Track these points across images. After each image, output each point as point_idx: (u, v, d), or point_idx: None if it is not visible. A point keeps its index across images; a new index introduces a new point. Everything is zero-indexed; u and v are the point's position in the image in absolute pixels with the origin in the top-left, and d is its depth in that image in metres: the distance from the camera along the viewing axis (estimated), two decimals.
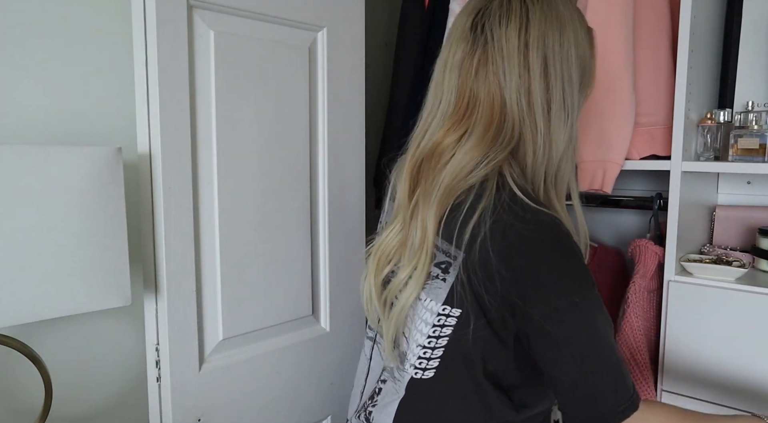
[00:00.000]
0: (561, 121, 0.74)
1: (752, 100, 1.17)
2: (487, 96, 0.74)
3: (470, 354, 0.74)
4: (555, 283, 0.68)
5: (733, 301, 1.02)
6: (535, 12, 0.73)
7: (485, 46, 0.74)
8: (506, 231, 0.68)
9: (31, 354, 0.98)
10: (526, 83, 0.73)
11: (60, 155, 0.92)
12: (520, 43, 0.72)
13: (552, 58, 0.73)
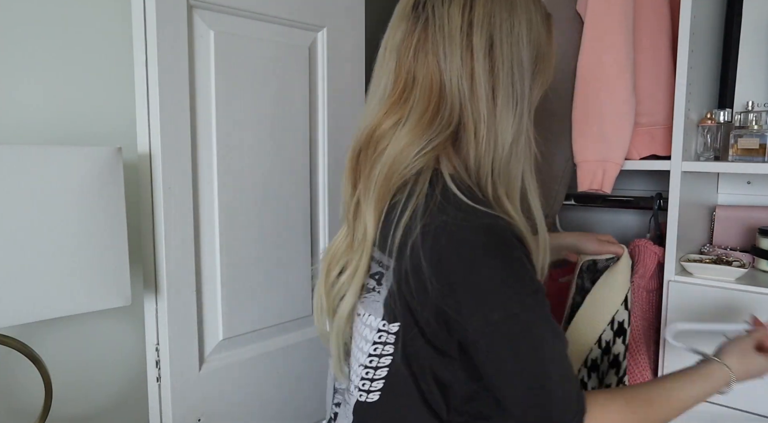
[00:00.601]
0: (508, 108, 0.66)
1: (752, 100, 1.17)
2: (425, 78, 0.67)
3: (416, 372, 0.68)
4: (490, 293, 0.61)
5: (733, 301, 1.02)
6: None
7: (426, 26, 0.67)
8: (437, 234, 0.61)
9: (31, 354, 0.98)
10: (469, 66, 0.65)
11: (60, 155, 0.92)
12: (464, 23, 0.65)
13: (499, 39, 0.65)
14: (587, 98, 1.10)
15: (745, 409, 1.02)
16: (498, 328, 0.61)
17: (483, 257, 0.61)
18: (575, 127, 1.13)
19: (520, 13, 0.67)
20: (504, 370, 0.63)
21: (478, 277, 0.61)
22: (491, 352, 0.62)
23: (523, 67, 0.67)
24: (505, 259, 0.61)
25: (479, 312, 0.61)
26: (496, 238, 0.61)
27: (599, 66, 1.08)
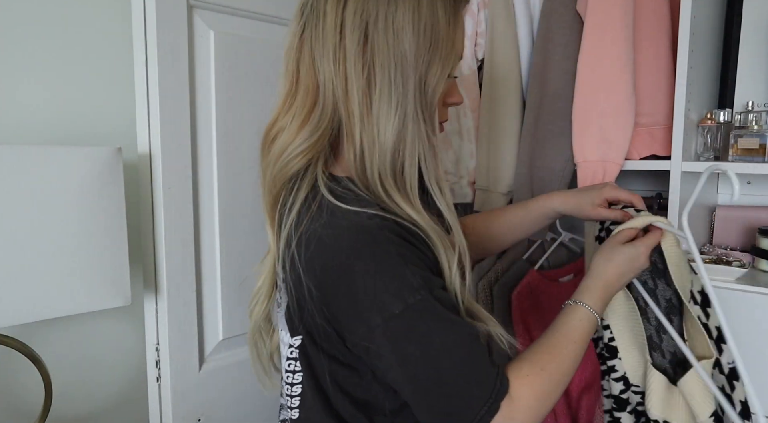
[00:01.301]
0: (388, 104, 0.62)
1: (752, 100, 1.17)
2: (304, 79, 0.66)
3: (325, 388, 0.66)
4: (366, 296, 0.58)
5: (733, 301, 1.02)
6: None
7: (306, 26, 0.65)
8: (309, 242, 0.60)
9: (31, 354, 0.98)
10: (342, 65, 0.62)
11: (60, 155, 0.92)
12: (337, 19, 0.62)
13: (374, 33, 0.61)
14: (587, 98, 1.10)
15: None
16: (381, 332, 0.58)
17: (353, 260, 0.59)
18: (575, 126, 1.13)
19: (402, 2, 0.62)
20: (397, 372, 0.59)
21: (350, 281, 0.58)
22: (382, 357, 0.59)
23: (406, 59, 0.62)
24: (377, 258, 0.58)
25: (360, 318, 0.59)
26: (365, 237, 0.59)
27: (599, 66, 1.08)
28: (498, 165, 1.25)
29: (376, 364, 0.61)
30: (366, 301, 0.58)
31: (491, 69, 1.24)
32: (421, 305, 0.58)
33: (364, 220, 0.60)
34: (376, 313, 0.58)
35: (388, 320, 0.57)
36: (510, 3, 1.22)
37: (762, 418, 0.82)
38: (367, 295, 0.58)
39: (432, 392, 0.59)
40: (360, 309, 0.58)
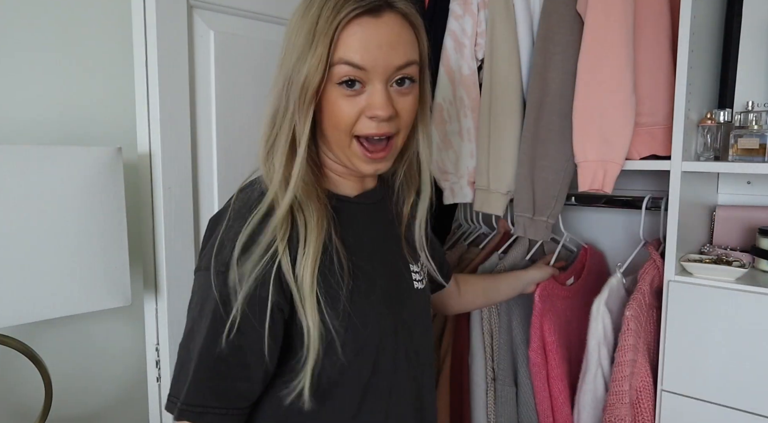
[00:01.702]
0: (268, 101, 0.76)
1: (752, 100, 1.17)
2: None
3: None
4: (200, 254, 0.75)
5: (733, 301, 1.02)
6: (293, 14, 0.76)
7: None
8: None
9: (31, 354, 0.98)
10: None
11: (60, 155, 0.92)
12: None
13: (282, 53, 0.76)
14: (587, 98, 1.10)
15: (745, 409, 1.02)
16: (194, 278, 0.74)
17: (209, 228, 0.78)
18: (575, 127, 1.13)
19: (295, 18, 0.74)
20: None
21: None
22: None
23: (283, 60, 0.76)
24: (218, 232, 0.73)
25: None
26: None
27: (599, 66, 1.08)
28: (498, 165, 1.25)
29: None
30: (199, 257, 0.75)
31: (491, 69, 1.24)
32: (211, 280, 0.68)
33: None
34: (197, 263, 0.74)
35: (195, 271, 0.74)
36: (510, 3, 1.22)
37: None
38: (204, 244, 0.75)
39: (180, 348, 0.72)
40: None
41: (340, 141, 0.74)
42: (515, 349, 1.26)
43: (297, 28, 0.72)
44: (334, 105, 0.72)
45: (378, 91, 0.71)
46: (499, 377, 1.26)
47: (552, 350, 1.19)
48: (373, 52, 0.70)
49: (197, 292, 0.72)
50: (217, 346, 0.67)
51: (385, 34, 0.70)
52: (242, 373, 0.69)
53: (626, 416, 1.10)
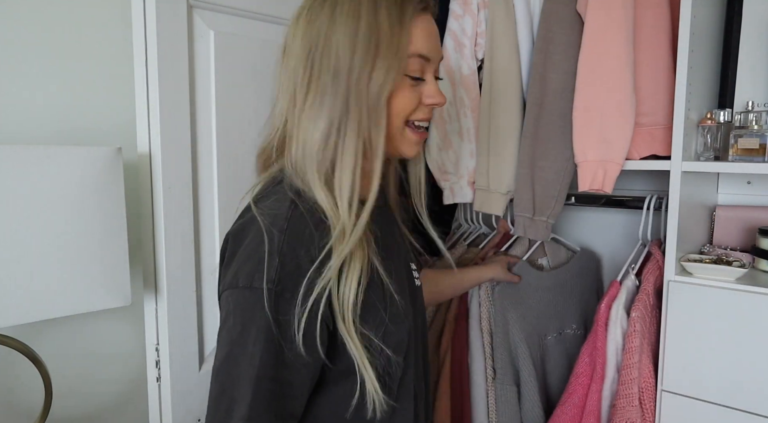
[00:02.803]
0: (316, 112, 0.72)
1: (752, 100, 1.17)
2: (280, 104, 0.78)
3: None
4: (230, 270, 0.69)
5: (733, 301, 1.02)
6: (305, 11, 0.74)
7: (281, 59, 0.79)
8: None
9: (31, 354, 0.98)
10: (292, 82, 0.74)
11: (60, 155, 0.92)
12: (293, 49, 0.75)
13: (316, 52, 0.72)
14: (587, 98, 1.10)
15: (745, 409, 1.02)
16: (223, 298, 0.69)
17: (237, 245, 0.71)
18: (575, 127, 1.13)
19: (342, 18, 0.71)
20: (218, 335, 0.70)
21: (231, 258, 0.71)
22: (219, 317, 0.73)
23: (340, 69, 0.71)
24: (248, 246, 0.69)
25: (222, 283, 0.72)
26: (244, 234, 0.70)
27: (600, 66, 1.08)
28: (498, 165, 1.25)
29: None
30: (228, 274, 0.69)
31: (491, 69, 1.24)
32: (252, 298, 0.64)
33: (253, 218, 0.70)
34: (226, 282, 0.69)
35: (225, 289, 0.68)
36: (510, 3, 1.22)
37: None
38: (230, 271, 0.69)
39: (214, 372, 0.67)
40: (224, 277, 0.70)
41: (397, 129, 0.76)
42: (514, 348, 1.27)
43: (346, 31, 0.70)
44: (401, 96, 0.74)
45: (434, 82, 0.78)
46: (499, 376, 1.26)
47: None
48: (435, 45, 0.77)
49: (236, 312, 0.66)
50: (274, 369, 0.64)
51: (435, 29, 0.78)
52: (294, 392, 0.67)
53: (637, 419, 1.10)
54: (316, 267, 0.66)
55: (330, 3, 0.72)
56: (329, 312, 0.67)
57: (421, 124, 0.79)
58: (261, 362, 0.63)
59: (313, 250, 0.67)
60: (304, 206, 0.70)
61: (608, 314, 1.15)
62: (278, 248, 0.65)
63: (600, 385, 1.14)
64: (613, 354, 1.14)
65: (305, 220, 0.68)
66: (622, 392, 1.10)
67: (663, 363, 1.11)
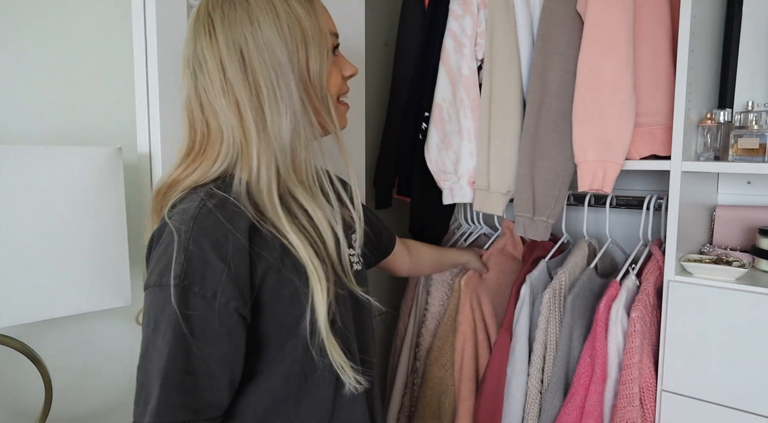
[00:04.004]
0: (277, 111, 0.73)
1: (752, 100, 1.17)
2: (212, 123, 0.75)
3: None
4: (148, 271, 0.71)
5: (734, 301, 1.02)
6: (217, 17, 0.73)
7: (195, 74, 0.75)
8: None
9: (31, 354, 0.98)
10: (231, 94, 0.73)
11: (60, 155, 0.92)
12: (215, 58, 0.73)
13: (249, 55, 0.72)
14: (587, 98, 1.10)
15: (745, 409, 1.02)
16: (145, 293, 0.70)
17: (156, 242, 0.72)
18: (575, 127, 1.13)
19: (261, 16, 0.72)
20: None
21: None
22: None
23: (281, 64, 0.73)
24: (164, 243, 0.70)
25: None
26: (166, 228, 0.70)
27: (599, 66, 1.08)
28: (498, 165, 1.25)
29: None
30: (149, 271, 0.70)
31: (491, 69, 1.24)
32: (166, 294, 0.66)
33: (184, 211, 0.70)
34: (147, 279, 0.70)
35: (146, 286, 0.69)
36: (510, 3, 1.22)
37: None
38: (150, 267, 0.70)
39: (137, 368, 0.68)
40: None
41: (331, 105, 0.80)
42: (574, 361, 1.21)
43: (271, 27, 0.72)
44: (332, 75, 0.80)
45: (343, 56, 0.84)
46: (551, 389, 1.19)
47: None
48: (333, 21, 0.82)
49: (149, 310, 0.68)
50: (184, 362, 0.66)
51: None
52: (209, 384, 0.68)
53: (638, 419, 1.09)
54: (228, 258, 0.67)
55: (241, 6, 0.73)
56: (249, 304, 0.70)
57: (344, 99, 0.85)
58: (169, 356, 0.65)
59: (222, 244, 0.68)
60: (214, 203, 0.70)
61: (608, 314, 1.15)
62: (184, 245, 0.66)
63: (599, 386, 1.13)
64: (615, 354, 1.14)
65: (214, 216, 0.69)
66: (623, 392, 1.10)
67: (663, 363, 1.11)
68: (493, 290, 1.42)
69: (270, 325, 0.72)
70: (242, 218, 0.71)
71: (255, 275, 0.70)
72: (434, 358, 1.40)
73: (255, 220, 0.71)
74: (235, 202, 0.71)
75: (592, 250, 1.40)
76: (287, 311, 0.72)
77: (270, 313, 0.72)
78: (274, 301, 0.72)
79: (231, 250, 0.68)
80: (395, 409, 1.50)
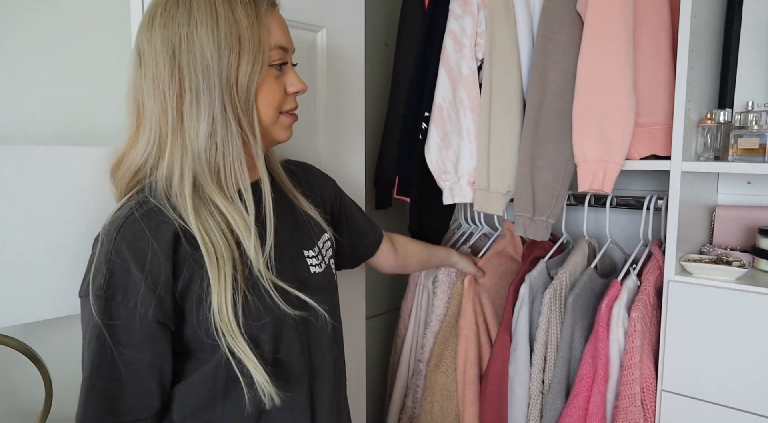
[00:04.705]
0: (195, 114, 0.73)
1: (752, 100, 1.17)
2: (145, 112, 0.77)
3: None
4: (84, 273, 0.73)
5: (733, 301, 1.02)
6: (158, 13, 0.74)
7: (137, 65, 0.78)
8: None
9: (31, 354, 0.98)
10: (159, 89, 0.74)
11: (61, 155, 0.92)
12: (151, 52, 0.74)
13: (180, 53, 0.73)
14: (587, 98, 1.10)
15: (745, 409, 1.02)
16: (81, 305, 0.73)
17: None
18: (575, 127, 1.13)
19: (200, 18, 0.73)
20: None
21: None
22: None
23: (210, 68, 0.73)
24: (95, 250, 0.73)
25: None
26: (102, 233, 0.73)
27: (599, 66, 1.08)
28: (498, 165, 1.25)
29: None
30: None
31: (491, 69, 1.24)
32: (97, 307, 0.69)
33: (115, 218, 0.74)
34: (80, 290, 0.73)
35: (81, 297, 0.73)
36: (510, 3, 1.22)
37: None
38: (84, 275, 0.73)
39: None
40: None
41: (271, 119, 0.81)
42: (575, 362, 1.21)
43: (207, 30, 0.73)
44: (267, 89, 0.78)
45: (293, 70, 0.83)
46: (553, 391, 1.19)
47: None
48: (289, 36, 0.82)
49: (81, 320, 0.73)
50: (108, 370, 0.70)
51: (285, 22, 0.82)
52: (138, 387, 0.71)
53: (639, 419, 1.09)
54: (156, 270, 0.70)
55: (183, 4, 0.74)
56: (171, 311, 0.72)
57: (294, 112, 0.85)
58: (93, 366, 0.69)
59: (143, 254, 0.70)
60: (142, 212, 0.72)
61: (609, 315, 1.15)
62: (107, 256, 0.69)
63: (602, 387, 1.13)
64: (617, 354, 1.13)
65: (137, 226, 0.71)
66: (624, 392, 1.10)
67: (663, 363, 1.11)
68: (493, 293, 1.41)
69: (196, 332, 0.74)
70: (167, 227, 0.72)
71: (177, 284, 0.72)
72: (434, 364, 1.39)
73: (180, 228, 0.73)
74: (162, 209, 0.73)
75: (592, 250, 1.40)
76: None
77: (195, 320, 0.73)
78: (199, 307, 0.73)
79: (151, 260, 0.70)
80: (396, 410, 1.50)
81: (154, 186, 0.76)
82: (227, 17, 0.73)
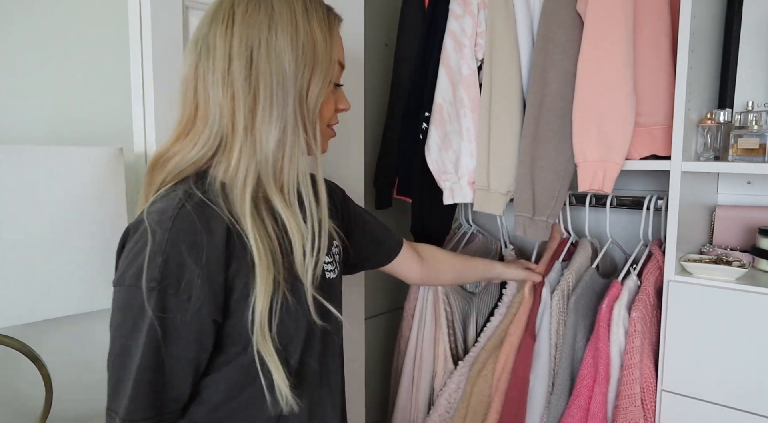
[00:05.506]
0: (268, 119, 0.74)
1: (752, 100, 1.17)
2: (203, 105, 0.75)
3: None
4: (119, 266, 0.71)
5: (734, 301, 1.02)
6: (239, 12, 0.74)
7: (199, 58, 0.76)
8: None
9: (31, 354, 0.98)
10: (230, 88, 0.73)
11: (61, 155, 0.92)
12: (225, 49, 0.73)
13: (258, 57, 0.73)
14: (587, 98, 1.10)
15: (745, 409, 1.02)
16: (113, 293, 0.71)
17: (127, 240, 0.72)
18: (575, 127, 1.13)
19: (281, 25, 0.74)
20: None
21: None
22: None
23: (286, 76, 0.74)
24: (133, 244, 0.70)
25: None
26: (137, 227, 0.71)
27: (599, 66, 1.08)
28: (498, 165, 1.25)
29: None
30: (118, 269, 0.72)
31: (491, 69, 1.24)
32: (135, 295, 0.67)
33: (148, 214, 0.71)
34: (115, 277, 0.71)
35: (114, 285, 0.71)
36: (510, 3, 1.22)
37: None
38: (120, 255, 0.72)
39: (109, 364, 0.71)
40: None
41: (323, 131, 0.84)
42: (577, 363, 1.21)
43: (287, 39, 0.73)
44: (327, 102, 0.81)
45: (342, 90, 0.87)
46: (557, 392, 1.19)
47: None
48: (343, 53, 0.84)
49: (124, 309, 0.70)
50: (155, 360, 0.69)
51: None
52: (176, 381, 0.71)
53: (639, 419, 1.09)
54: (204, 263, 0.69)
55: (265, 9, 0.74)
56: (222, 307, 0.72)
57: (335, 127, 0.89)
58: (143, 356, 0.68)
59: (199, 247, 0.69)
60: (193, 204, 0.71)
61: (610, 315, 1.15)
62: (161, 247, 0.67)
63: (603, 387, 1.13)
64: (617, 354, 1.13)
65: (191, 218, 0.69)
66: (624, 392, 1.10)
67: (663, 363, 1.11)
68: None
69: (236, 327, 0.74)
70: (219, 221, 0.72)
71: (228, 279, 0.72)
72: (477, 370, 1.33)
73: (230, 224, 0.72)
74: (212, 204, 0.73)
75: (594, 250, 1.40)
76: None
77: (238, 316, 0.73)
78: (241, 303, 0.73)
79: (207, 253, 0.69)
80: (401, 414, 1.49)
81: (212, 181, 0.75)
82: (306, 30, 0.75)
